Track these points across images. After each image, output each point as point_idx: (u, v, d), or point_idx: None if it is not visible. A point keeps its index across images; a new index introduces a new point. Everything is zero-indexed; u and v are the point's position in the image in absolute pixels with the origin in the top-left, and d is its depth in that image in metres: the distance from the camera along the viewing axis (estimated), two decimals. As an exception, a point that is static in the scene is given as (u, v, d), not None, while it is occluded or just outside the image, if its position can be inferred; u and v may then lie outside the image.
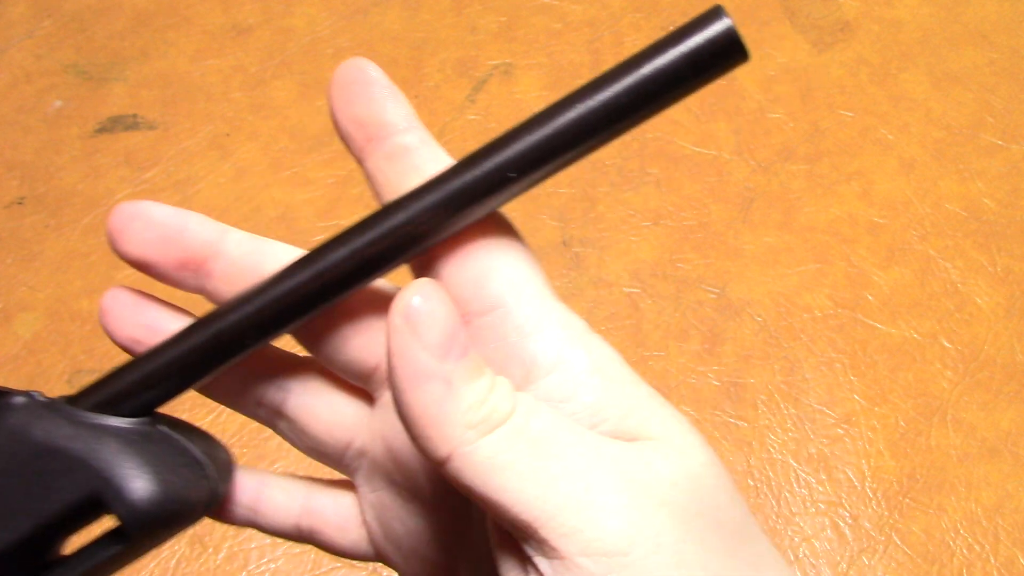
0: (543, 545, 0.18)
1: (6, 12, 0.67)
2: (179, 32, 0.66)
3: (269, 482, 0.25)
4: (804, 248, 0.55)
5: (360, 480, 0.25)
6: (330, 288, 0.21)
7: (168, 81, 0.63)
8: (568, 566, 0.18)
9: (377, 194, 0.22)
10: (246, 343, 0.21)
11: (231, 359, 0.21)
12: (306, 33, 0.65)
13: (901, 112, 0.61)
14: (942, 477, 0.48)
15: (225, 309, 0.21)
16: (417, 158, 0.23)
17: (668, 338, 0.52)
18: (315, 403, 0.25)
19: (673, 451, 0.20)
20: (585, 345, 0.20)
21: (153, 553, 0.40)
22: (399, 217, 0.21)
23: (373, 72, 0.22)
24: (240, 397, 0.25)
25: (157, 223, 0.24)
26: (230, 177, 0.59)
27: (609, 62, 0.71)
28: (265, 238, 0.23)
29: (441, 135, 0.60)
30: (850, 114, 0.61)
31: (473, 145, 0.22)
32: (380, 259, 0.21)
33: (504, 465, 0.19)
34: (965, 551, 0.46)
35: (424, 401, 0.19)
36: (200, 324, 0.21)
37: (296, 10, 0.67)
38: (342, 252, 0.21)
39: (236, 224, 0.24)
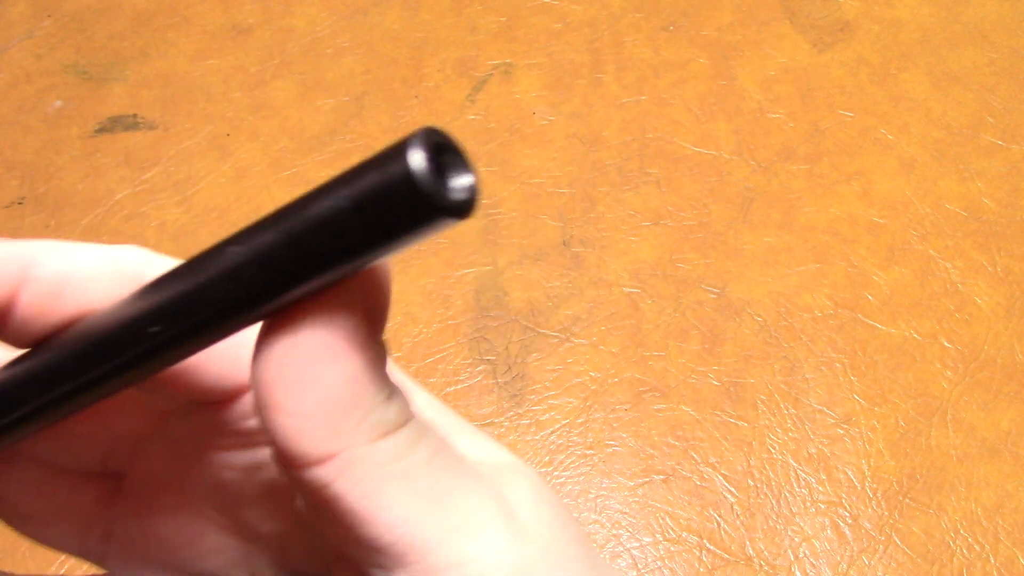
0: (414, 573, 0.16)
1: (6, 12, 0.67)
2: (179, 32, 0.66)
3: None
4: (804, 248, 0.55)
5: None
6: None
7: (168, 81, 0.63)
8: None
9: None
10: None
11: None
12: (306, 33, 0.65)
13: (901, 112, 0.61)
14: (942, 477, 0.48)
15: None
16: None
17: (668, 338, 0.52)
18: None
19: (519, 472, 0.18)
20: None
21: None
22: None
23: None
24: None
25: None
26: (230, 177, 0.59)
27: (609, 62, 0.72)
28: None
29: (441, 135, 0.60)
30: (850, 114, 0.61)
31: (473, 145, 0.21)
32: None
33: (398, 476, 0.16)
34: (965, 551, 0.46)
35: (325, 378, 0.15)
36: None
37: (296, 10, 0.67)
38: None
39: (236, 224, 0.24)
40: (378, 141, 0.60)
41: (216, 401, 0.20)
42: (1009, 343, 0.52)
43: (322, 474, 0.16)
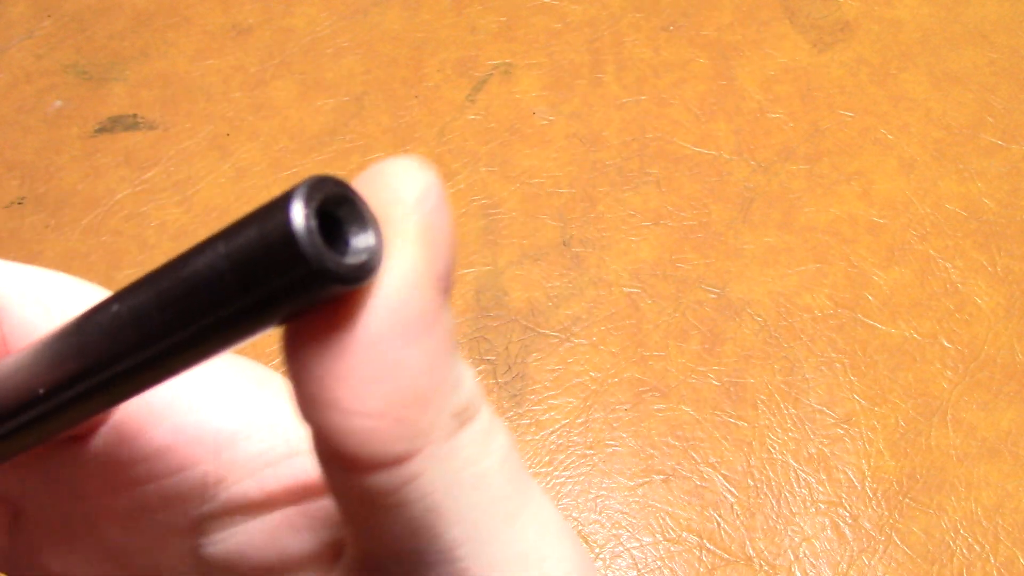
0: None
1: (6, 12, 0.67)
2: (179, 32, 0.66)
3: None
4: (804, 248, 0.55)
5: None
6: None
7: (168, 81, 0.63)
8: None
9: None
10: None
11: None
12: (306, 33, 0.65)
13: (901, 112, 0.61)
14: (942, 477, 0.48)
15: None
16: None
17: (668, 338, 0.52)
18: None
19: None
20: None
21: None
22: None
23: None
24: None
25: None
26: (230, 177, 0.59)
27: (609, 62, 0.72)
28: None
29: (441, 135, 0.60)
30: (850, 114, 0.61)
31: (473, 145, 0.21)
32: None
33: (474, 483, 0.14)
34: (965, 551, 0.46)
35: (402, 364, 0.12)
36: None
37: (296, 10, 0.67)
38: None
39: None
40: (378, 141, 0.60)
41: (77, 434, 0.17)
42: (1009, 343, 0.52)
43: (393, 479, 0.13)
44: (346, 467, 0.13)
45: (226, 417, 0.18)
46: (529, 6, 0.66)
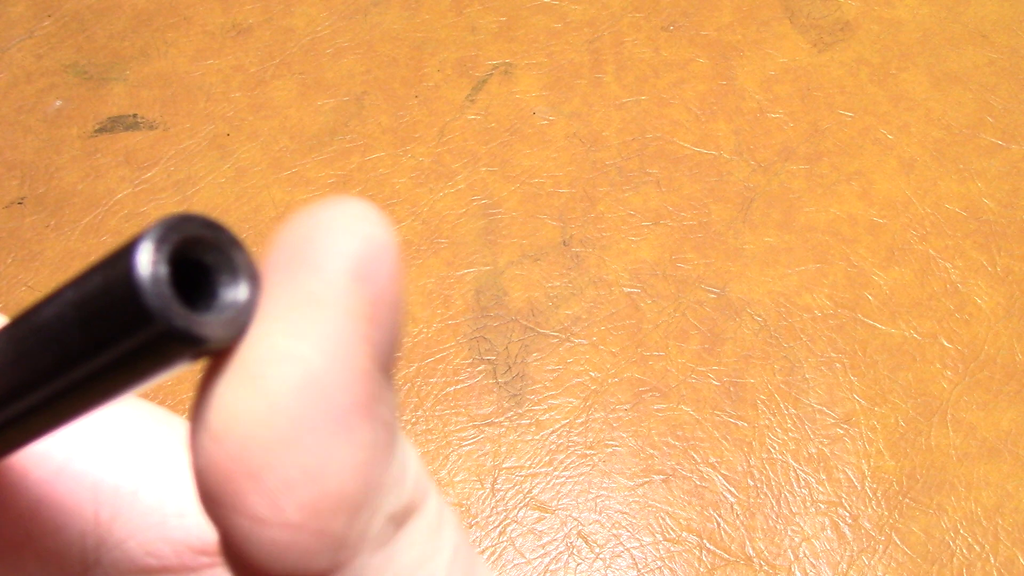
0: None
1: (6, 12, 0.67)
2: (179, 32, 0.66)
3: None
4: (804, 248, 0.55)
5: None
6: None
7: (168, 81, 0.63)
8: None
9: None
10: None
11: None
12: (306, 33, 0.65)
13: (901, 112, 0.61)
14: (942, 477, 0.48)
15: None
16: None
17: (668, 338, 0.52)
18: None
19: None
20: None
21: None
22: None
23: None
24: None
25: None
26: (230, 177, 0.59)
27: (609, 62, 0.72)
28: None
29: (441, 135, 0.60)
30: (850, 114, 0.61)
31: (473, 145, 0.20)
32: None
33: None
34: (965, 551, 0.46)
35: (329, 462, 0.10)
36: None
37: (296, 10, 0.67)
38: None
39: (236, 224, 0.23)
40: (378, 141, 0.60)
41: None
42: (1009, 343, 0.52)
43: None
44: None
45: (109, 468, 0.15)
46: (529, 6, 0.66)
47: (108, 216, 0.58)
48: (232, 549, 0.11)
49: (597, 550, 0.47)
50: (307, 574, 0.10)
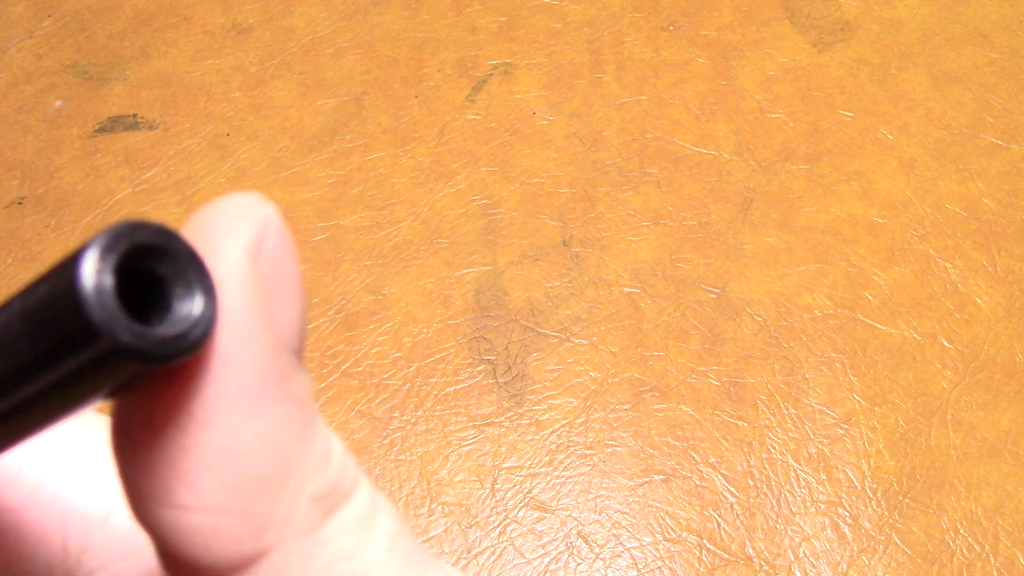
0: None
1: (6, 12, 0.67)
2: (179, 32, 0.66)
3: None
4: (804, 248, 0.55)
5: None
6: None
7: (168, 81, 0.63)
8: None
9: None
10: None
11: None
12: (306, 33, 0.65)
13: (901, 112, 0.61)
14: (942, 477, 0.48)
15: None
16: None
17: (668, 338, 0.52)
18: None
19: None
20: None
21: None
22: None
23: None
24: None
25: None
26: (230, 177, 0.59)
27: (609, 62, 0.72)
28: None
29: (441, 135, 0.60)
30: (850, 114, 0.61)
31: (473, 145, 0.20)
32: None
33: (357, 574, 0.11)
34: (965, 551, 0.46)
35: (241, 440, 0.10)
36: None
37: (296, 10, 0.67)
38: None
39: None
40: (378, 141, 0.60)
41: None
42: (1009, 343, 0.52)
43: None
44: (187, 574, 0.11)
45: (79, 493, 0.15)
46: (529, 6, 0.66)
47: (108, 216, 0.58)
48: (164, 548, 0.11)
49: (597, 550, 0.47)
50: (236, 561, 0.10)
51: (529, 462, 0.49)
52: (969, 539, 0.46)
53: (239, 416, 0.10)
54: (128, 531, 0.15)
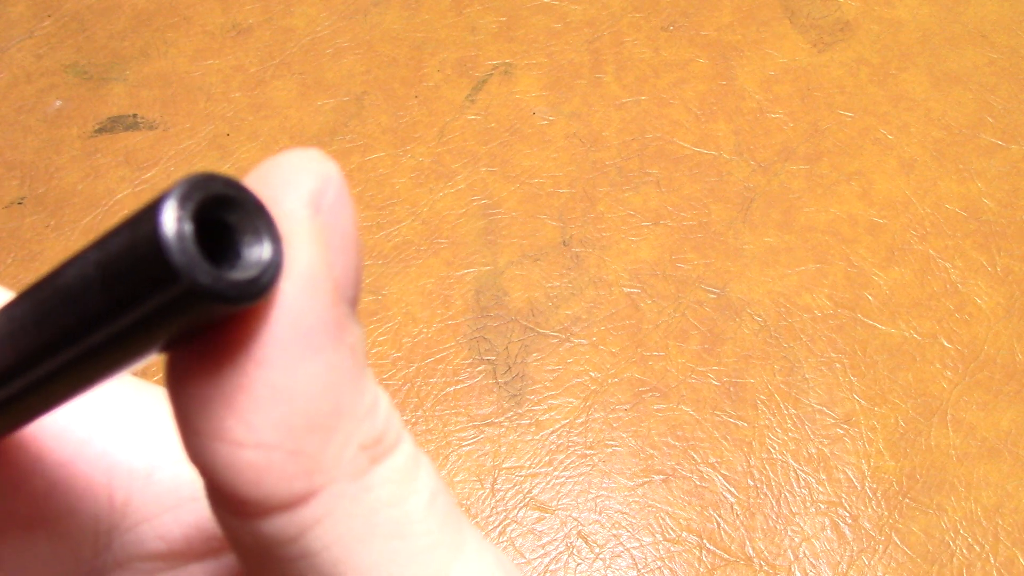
0: None
1: (6, 12, 0.67)
2: (179, 32, 0.66)
3: None
4: (804, 248, 0.55)
5: None
6: None
7: (168, 81, 0.63)
8: None
9: None
10: None
11: None
12: (306, 33, 0.65)
13: (901, 112, 0.61)
14: (942, 477, 0.48)
15: None
16: None
17: (668, 338, 0.52)
18: None
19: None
20: None
21: None
22: None
23: None
24: None
25: None
26: (230, 177, 0.59)
27: (609, 62, 0.72)
28: None
29: (441, 135, 0.60)
30: (850, 114, 0.61)
31: (473, 145, 0.20)
32: None
33: (391, 530, 0.11)
34: (965, 551, 0.46)
35: (296, 382, 0.11)
36: None
37: (296, 10, 0.67)
38: None
39: None
40: (378, 141, 0.60)
41: None
42: (1009, 343, 0.52)
43: (290, 525, 0.11)
44: (237, 512, 0.11)
45: (124, 449, 0.15)
46: (529, 6, 0.66)
47: (108, 216, 0.58)
48: (215, 485, 0.11)
49: (597, 550, 0.47)
50: (282, 500, 0.11)
51: (529, 462, 0.49)
52: (969, 539, 0.46)
53: (296, 358, 0.11)
54: (171, 487, 0.16)
